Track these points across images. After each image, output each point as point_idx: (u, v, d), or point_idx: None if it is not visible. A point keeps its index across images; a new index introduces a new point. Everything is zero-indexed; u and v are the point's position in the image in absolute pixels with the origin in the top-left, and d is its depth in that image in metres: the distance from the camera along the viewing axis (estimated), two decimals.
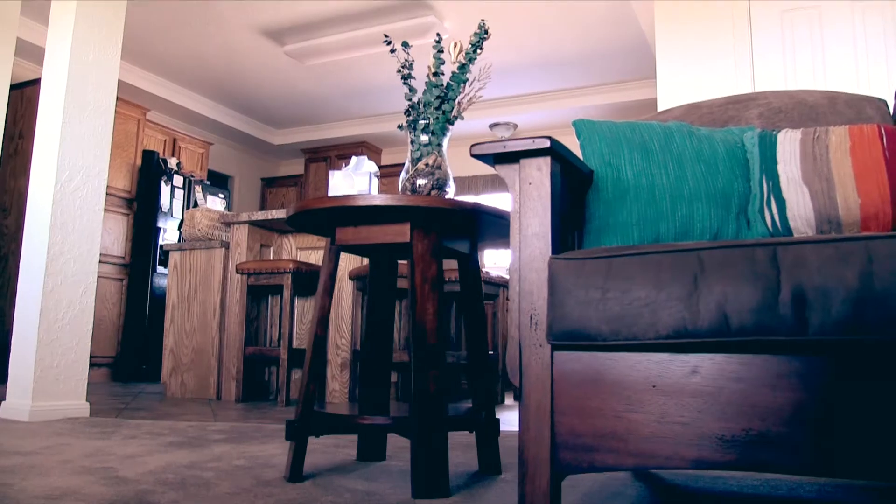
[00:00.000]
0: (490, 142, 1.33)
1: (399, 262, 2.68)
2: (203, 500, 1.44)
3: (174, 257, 4.37)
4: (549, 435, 1.22)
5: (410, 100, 2.01)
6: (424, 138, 1.97)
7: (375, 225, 1.73)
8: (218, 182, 7.39)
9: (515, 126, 6.80)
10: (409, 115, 2.01)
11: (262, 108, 6.93)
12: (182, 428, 2.63)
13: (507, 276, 5.39)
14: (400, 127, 2.11)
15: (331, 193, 2.01)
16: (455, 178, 7.35)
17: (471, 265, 1.91)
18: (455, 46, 2.12)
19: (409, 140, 2.01)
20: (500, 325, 4.40)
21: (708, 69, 3.05)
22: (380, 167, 7.41)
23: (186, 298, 4.30)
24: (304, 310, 4.30)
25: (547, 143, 1.26)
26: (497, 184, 7.15)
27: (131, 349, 5.54)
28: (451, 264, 4.43)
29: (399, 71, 2.03)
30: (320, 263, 4.21)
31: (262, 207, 8.04)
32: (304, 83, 6.20)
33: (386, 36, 2.03)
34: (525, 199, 1.29)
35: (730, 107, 1.86)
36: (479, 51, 2.00)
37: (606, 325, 1.17)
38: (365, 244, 1.75)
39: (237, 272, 4.01)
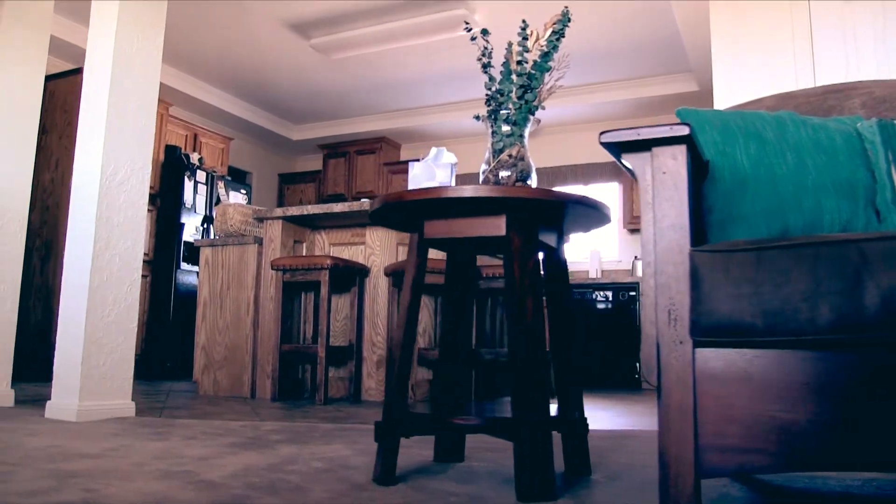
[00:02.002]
0: (621, 129, 1.26)
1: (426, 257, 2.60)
2: None
3: (205, 253, 4.30)
4: (692, 436, 1.16)
5: (490, 89, 1.95)
6: (506, 128, 1.91)
7: (468, 218, 1.67)
8: (237, 178, 7.31)
9: (538, 121, 6.71)
10: (489, 105, 1.95)
11: (282, 103, 6.85)
12: (235, 428, 2.56)
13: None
14: (477, 118, 2.05)
15: (411, 185, 1.94)
16: (476, 175, 7.28)
17: (558, 258, 1.84)
18: (532, 34, 2.06)
19: (488, 130, 1.95)
20: None
21: (767, 63, 2.99)
22: (398, 163, 7.34)
23: (219, 295, 4.23)
24: (338, 306, 4.23)
25: (686, 130, 1.20)
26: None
27: (155, 347, 5.47)
28: (482, 260, 4.36)
29: (479, 59, 1.96)
30: (355, 259, 4.14)
31: (280, 203, 7.96)
32: (326, 78, 6.13)
33: (466, 23, 1.97)
34: (659, 188, 1.23)
35: (829, 96, 1.80)
36: (561, 39, 1.94)
37: (761, 319, 1.10)
38: (453, 238, 1.69)
39: (272, 268, 3.94)
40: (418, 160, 2.03)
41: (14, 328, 3.30)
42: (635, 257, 6.37)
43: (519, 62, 1.89)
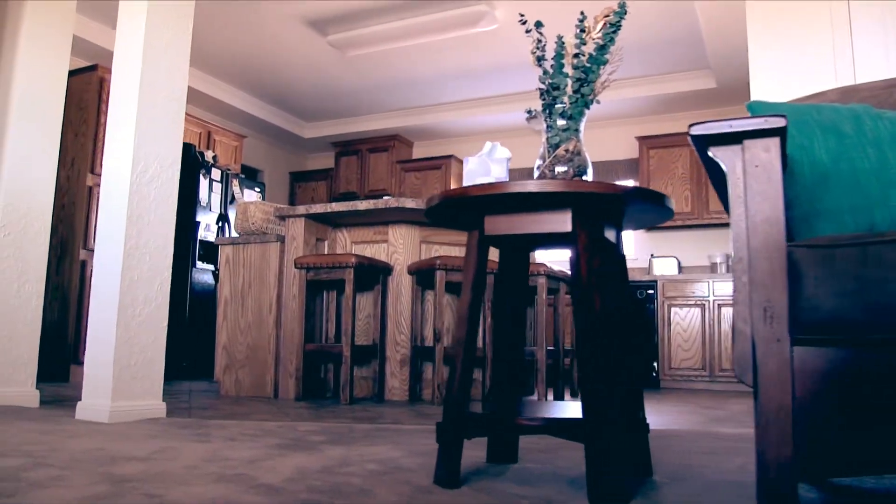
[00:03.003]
0: (712, 121, 1.22)
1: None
2: None
3: (226, 251, 4.26)
4: (790, 437, 1.12)
5: (545, 83, 1.91)
6: (562, 123, 1.87)
7: (531, 213, 1.63)
8: (249, 176, 7.27)
9: None
10: (543, 99, 1.91)
11: (295, 101, 6.81)
12: (272, 429, 2.52)
13: (569, 271, 5.28)
14: (529, 112, 2.01)
15: (466, 180, 1.90)
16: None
17: (619, 255, 1.80)
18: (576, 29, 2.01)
19: (543, 125, 1.91)
20: (561, 321, 4.30)
21: (804, 60, 2.95)
22: (411, 161, 7.30)
23: (240, 294, 4.18)
24: (361, 305, 4.19)
25: (782, 122, 1.16)
26: (532, 176, 7.03)
27: (172, 346, 5.41)
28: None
29: (533, 52, 1.92)
30: (377, 258, 4.10)
31: (292, 202, 7.91)
32: (341, 75, 6.08)
33: (521, 15, 1.92)
34: (752, 182, 1.19)
35: (894, 90, 1.76)
36: (618, 31, 1.90)
37: (868, 315, 1.07)
38: (514, 234, 1.64)
39: (296, 267, 3.90)
40: (473, 156, 1.98)
41: (39, 328, 3.26)
42: (651, 255, 6.33)
43: (575, 55, 1.85)
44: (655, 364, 5.83)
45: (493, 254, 4.25)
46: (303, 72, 6.04)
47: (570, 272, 4.37)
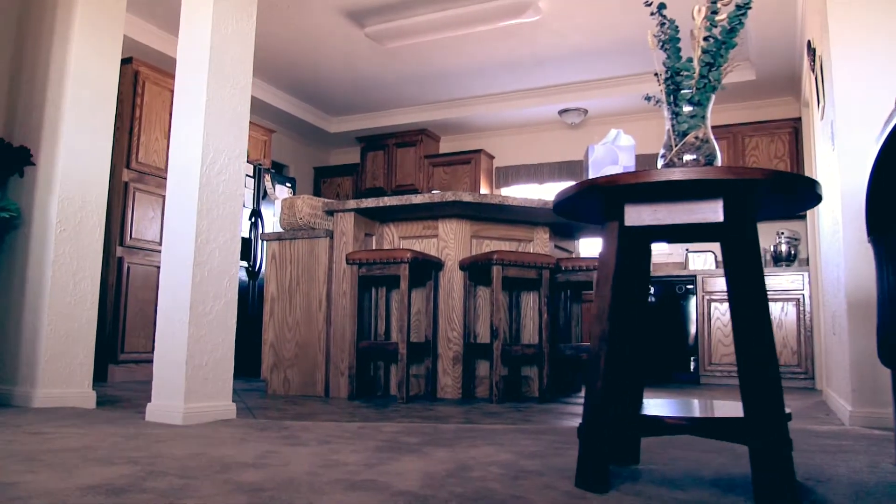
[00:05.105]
0: None
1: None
2: None
3: (272, 247, 4.16)
4: None
5: (671, 67, 1.82)
6: (688, 109, 1.78)
7: (677, 203, 1.54)
8: (277, 171, 7.16)
9: (586, 112, 6.60)
10: (668, 84, 1.82)
11: (324, 95, 6.70)
12: (355, 430, 2.43)
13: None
14: (648, 98, 1.92)
15: (592, 169, 1.81)
16: (521, 166, 7.15)
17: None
18: (699, 12, 1.92)
19: (666, 112, 1.82)
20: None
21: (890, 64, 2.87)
22: (439, 155, 7.20)
23: (287, 290, 4.09)
24: (411, 301, 4.09)
25: None
26: (564, 171, 6.94)
27: None
28: (556, 250, 4.24)
29: (657, 35, 1.83)
30: (429, 252, 4.00)
31: (318, 196, 7.79)
32: (374, 67, 5.98)
33: None
34: None
35: None
36: (747, 14, 1.80)
37: None
38: (660, 225, 1.56)
39: (347, 262, 3.81)
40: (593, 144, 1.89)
41: (95, 327, 3.17)
42: (686, 250, 6.25)
43: (706, 38, 1.75)
44: (693, 359, 5.75)
45: (537, 245, 4.15)
46: (336, 64, 5.93)
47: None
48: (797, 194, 1.53)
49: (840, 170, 2.92)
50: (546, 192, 7.04)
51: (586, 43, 5.42)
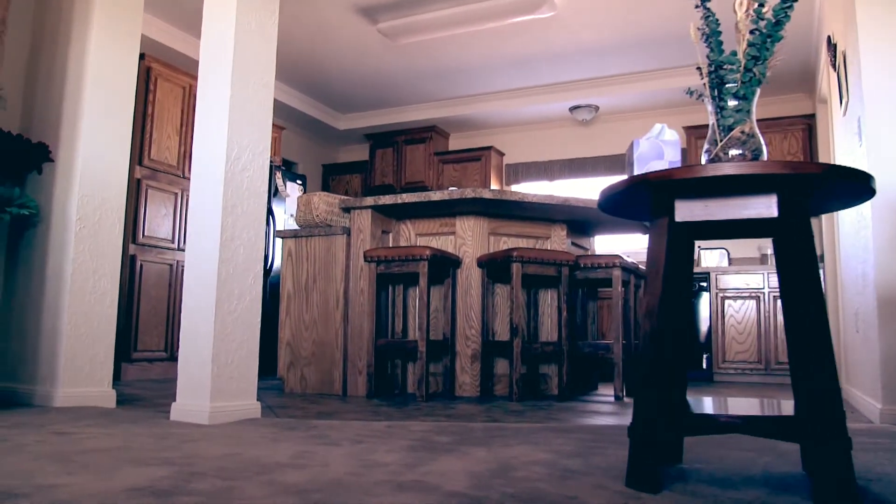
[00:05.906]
0: None
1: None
2: None
3: (288, 245, 4.13)
4: None
5: (715, 61, 1.79)
6: (733, 103, 1.75)
7: (729, 198, 1.51)
8: (286, 168, 7.13)
9: (597, 108, 6.56)
10: (711, 78, 1.79)
11: (334, 92, 6.66)
12: (383, 430, 2.41)
13: (644, 267, 5.18)
14: (689, 92, 1.89)
15: (637, 164, 1.78)
16: (531, 163, 7.11)
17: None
18: (741, 5, 1.89)
19: (709, 107, 1.79)
20: (631, 314, 4.19)
21: None
22: (449, 152, 7.16)
23: (304, 288, 4.06)
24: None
25: None
26: (575, 168, 6.91)
27: None
28: (572, 247, 4.21)
29: (700, 28, 1.80)
30: (447, 249, 3.97)
31: None
32: (386, 64, 5.94)
33: None
34: None
35: None
36: (793, 7, 1.77)
37: None
38: (711, 221, 1.53)
39: (365, 260, 3.78)
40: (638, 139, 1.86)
41: (114, 325, 3.14)
42: (699, 246, 6.22)
43: (752, 31, 1.72)
44: (706, 356, 5.73)
45: (547, 242, 4.13)
46: (346, 61, 5.89)
47: (643, 265, 4.22)
48: (852, 189, 1.50)
49: (868, 165, 2.89)
50: (556, 189, 7.01)
51: (598, 39, 5.39)
